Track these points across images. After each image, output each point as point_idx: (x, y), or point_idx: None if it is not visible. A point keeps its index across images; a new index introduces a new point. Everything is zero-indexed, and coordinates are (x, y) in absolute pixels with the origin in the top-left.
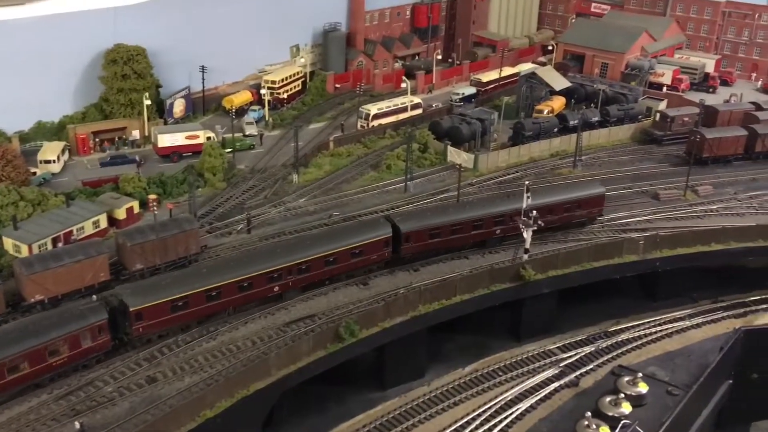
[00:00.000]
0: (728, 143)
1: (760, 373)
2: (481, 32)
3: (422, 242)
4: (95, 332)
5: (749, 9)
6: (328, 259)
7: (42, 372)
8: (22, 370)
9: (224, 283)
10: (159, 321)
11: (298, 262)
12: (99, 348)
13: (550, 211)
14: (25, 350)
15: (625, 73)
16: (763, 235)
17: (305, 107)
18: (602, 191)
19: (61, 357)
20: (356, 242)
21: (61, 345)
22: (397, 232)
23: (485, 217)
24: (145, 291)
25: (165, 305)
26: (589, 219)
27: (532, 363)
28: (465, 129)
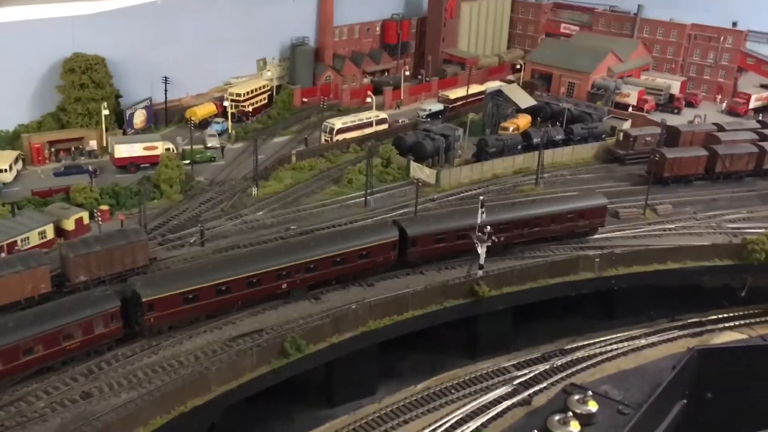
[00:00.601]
0: (689, 163)
1: (715, 392)
2: (450, 50)
3: (428, 246)
4: (108, 319)
5: (714, 32)
6: (336, 259)
7: (55, 355)
8: (37, 352)
9: (234, 278)
10: (170, 312)
11: (307, 261)
12: (110, 335)
13: (553, 220)
14: (40, 333)
15: (591, 93)
16: (719, 254)
17: (271, 120)
18: (604, 202)
19: (74, 341)
20: (363, 244)
21: (75, 330)
22: (404, 236)
23: (490, 224)
24: (158, 282)
25: (176, 297)
26: (591, 229)
27: (485, 381)
28: (428, 145)
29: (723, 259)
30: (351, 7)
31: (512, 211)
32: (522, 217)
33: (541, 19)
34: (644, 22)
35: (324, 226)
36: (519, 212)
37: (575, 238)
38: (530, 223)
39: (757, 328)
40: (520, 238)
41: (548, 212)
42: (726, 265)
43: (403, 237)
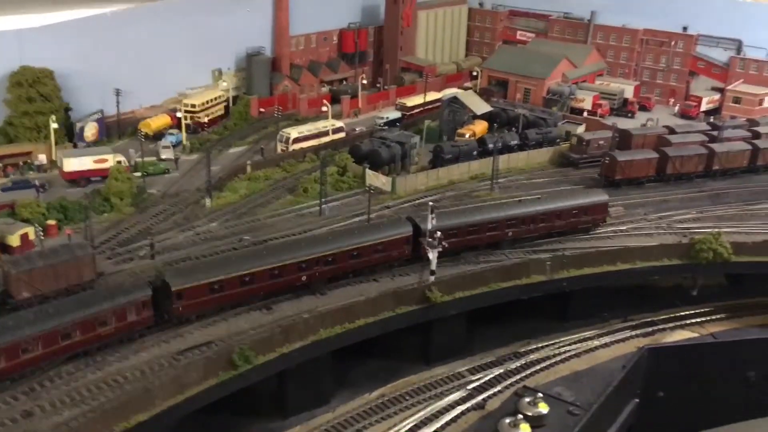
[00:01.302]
0: (640, 166)
1: (667, 390)
2: (408, 58)
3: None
4: (140, 307)
5: (666, 37)
6: (353, 253)
7: (91, 341)
8: (74, 337)
9: (257, 270)
10: (198, 302)
11: (326, 254)
12: (142, 322)
13: (559, 216)
14: (78, 320)
15: (547, 99)
16: (667, 254)
17: (227, 131)
18: (605, 199)
19: (108, 328)
20: (379, 239)
21: (109, 317)
22: (417, 232)
23: (499, 220)
24: (187, 273)
25: (204, 287)
26: (594, 224)
27: (440, 386)
28: (384, 152)
29: (672, 259)
30: (307, 17)
31: (520, 208)
32: (529, 213)
33: (498, 27)
34: (597, 28)
35: (279, 236)
36: (527, 209)
37: (580, 233)
38: (537, 219)
39: (708, 326)
40: (528, 233)
41: (554, 208)
42: (675, 264)
43: (417, 232)
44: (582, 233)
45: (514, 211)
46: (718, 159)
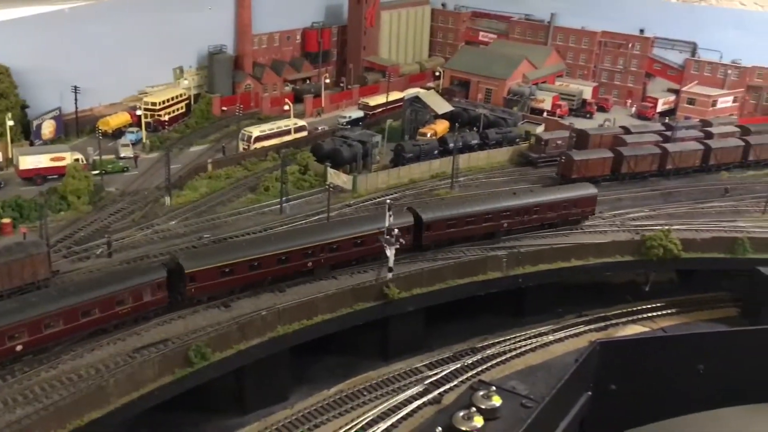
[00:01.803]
0: (595, 165)
1: (618, 384)
2: (372, 58)
3: (441, 231)
4: (155, 288)
5: (623, 39)
6: (356, 241)
7: (109, 318)
8: (93, 315)
9: (265, 255)
10: (209, 284)
11: (330, 241)
12: (157, 303)
13: (551, 208)
14: (97, 298)
15: (507, 99)
16: (620, 251)
17: (188, 129)
18: (594, 192)
19: (125, 307)
20: (382, 228)
21: (126, 296)
22: (418, 222)
23: (495, 212)
24: (199, 256)
25: (215, 270)
26: (583, 216)
27: (397, 382)
28: (346, 151)
29: (624, 256)
30: (270, 16)
31: (515, 200)
32: (524, 205)
33: (461, 28)
34: (557, 30)
35: (239, 233)
36: (521, 201)
37: (570, 224)
38: (530, 211)
39: (659, 320)
40: (522, 224)
41: (547, 200)
42: (627, 261)
43: (418, 222)
44: (572, 224)
45: (510, 203)
46: (671, 159)
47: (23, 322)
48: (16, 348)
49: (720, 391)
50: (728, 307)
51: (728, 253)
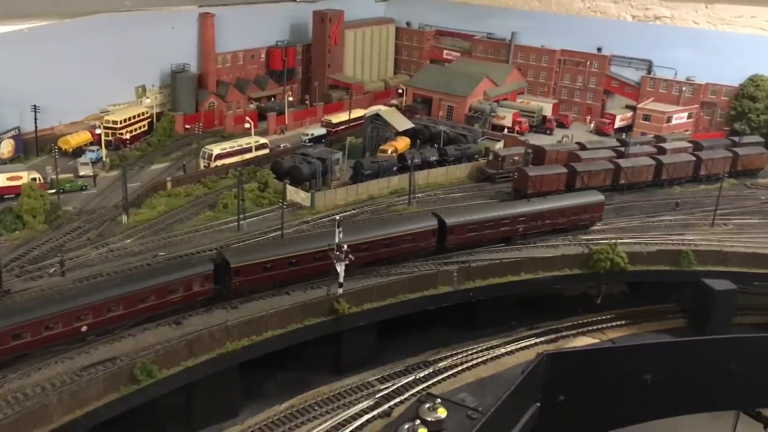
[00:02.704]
0: (550, 180)
1: (567, 395)
2: (337, 75)
3: (463, 234)
4: (203, 280)
5: (582, 57)
6: (385, 242)
7: (163, 305)
8: (149, 301)
9: (303, 253)
10: (252, 278)
11: (361, 242)
12: (204, 293)
13: (562, 213)
14: (153, 286)
15: (469, 116)
16: (568, 264)
17: (150, 148)
18: (602, 199)
19: (177, 295)
20: (409, 230)
21: (178, 286)
22: (442, 226)
23: (511, 217)
24: (244, 252)
25: (257, 265)
26: (591, 222)
27: (349, 396)
28: (305, 168)
29: (572, 269)
30: (234, 35)
31: (529, 206)
32: (538, 211)
33: (425, 46)
34: (518, 49)
35: (195, 251)
36: (536, 207)
37: (580, 229)
38: (544, 216)
39: (608, 332)
40: (536, 228)
41: (558, 207)
42: (575, 274)
43: (442, 226)
44: (582, 229)
45: (525, 209)
46: (624, 174)
47: (89, 305)
48: (82, 328)
49: (667, 401)
50: (676, 318)
51: (673, 266)
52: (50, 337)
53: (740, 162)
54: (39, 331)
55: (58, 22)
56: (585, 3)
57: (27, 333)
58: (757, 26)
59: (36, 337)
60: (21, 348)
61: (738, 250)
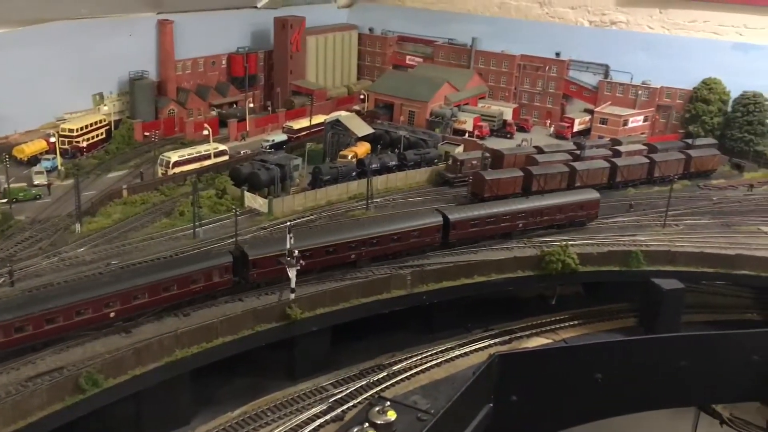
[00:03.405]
0: (507, 184)
1: (519, 395)
2: (299, 81)
3: (466, 230)
4: (223, 271)
5: (541, 62)
6: (394, 236)
7: (185, 295)
8: (172, 290)
9: (315, 246)
10: (269, 270)
11: (371, 236)
12: (224, 284)
13: (559, 210)
14: (176, 276)
15: (430, 121)
16: (521, 266)
17: (108, 155)
18: (597, 197)
19: (198, 285)
20: (416, 225)
21: (199, 276)
22: (446, 222)
23: (511, 213)
24: (261, 245)
25: (274, 258)
26: (588, 218)
27: (302, 401)
28: (263, 174)
29: (525, 271)
30: (194, 42)
31: (528, 203)
32: (536, 207)
33: (388, 52)
34: (479, 54)
35: (149, 259)
36: (534, 204)
37: (577, 225)
38: (542, 212)
39: (562, 332)
40: (535, 224)
41: (556, 204)
42: (527, 276)
43: (446, 222)
44: (579, 226)
45: (524, 206)
46: (580, 176)
47: (116, 293)
48: (110, 315)
49: (618, 399)
50: (628, 318)
51: (623, 266)
52: (81, 321)
53: (693, 164)
54: (71, 315)
55: (13, 29)
56: (543, 9)
57: (60, 317)
58: (710, 30)
59: (68, 322)
60: (54, 332)
61: (686, 250)
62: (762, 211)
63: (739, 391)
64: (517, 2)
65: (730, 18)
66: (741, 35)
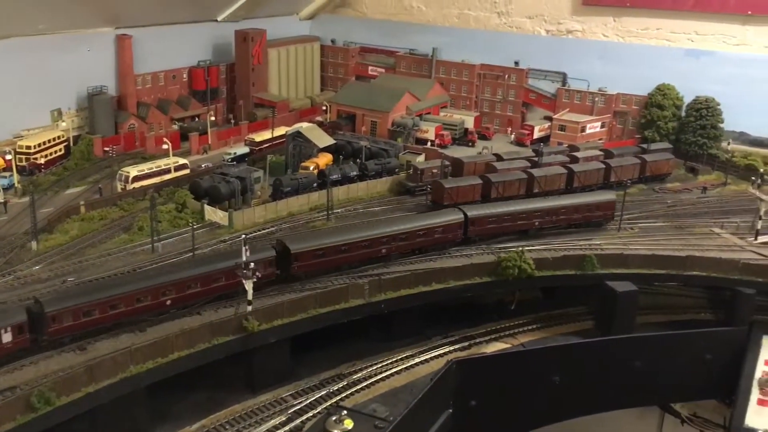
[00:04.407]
0: (466, 191)
1: (478, 400)
2: (261, 94)
3: (484, 226)
4: (267, 264)
5: (500, 71)
6: (419, 232)
7: (232, 286)
8: (220, 282)
9: (351, 241)
10: (309, 263)
11: (400, 232)
12: (268, 276)
13: (576, 210)
14: (224, 268)
15: (392, 130)
16: (478, 272)
17: (67, 172)
18: (613, 198)
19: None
20: (440, 222)
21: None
22: (466, 218)
23: (528, 211)
24: (302, 240)
25: (312, 252)
26: (605, 219)
27: (262, 413)
28: (224, 187)
29: (482, 277)
30: (154, 56)
31: (546, 203)
32: (553, 207)
33: (350, 63)
34: (440, 64)
35: (107, 275)
36: (551, 203)
37: (593, 226)
38: (559, 212)
39: (520, 336)
40: (551, 223)
41: (573, 204)
42: (485, 282)
43: (466, 219)
44: (595, 226)
45: (541, 205)
46: (537, 183)
47: (172, 282)
48: (167, 302)
49: (575, 401)
50: (585, 321)
51: (578, 270)
52: (140, 308)
53: (648, 168)
54: (132, 302)
55: None
56: (501, 19)
57: (121, 304)
58: (663, 38)
59: (129, 308)
60: (116, 317)
61: (639, 253)
62: (715, 213)
63: (695, 389)
64: (475, 13)
65: (681, 25)
66: (692, 41)
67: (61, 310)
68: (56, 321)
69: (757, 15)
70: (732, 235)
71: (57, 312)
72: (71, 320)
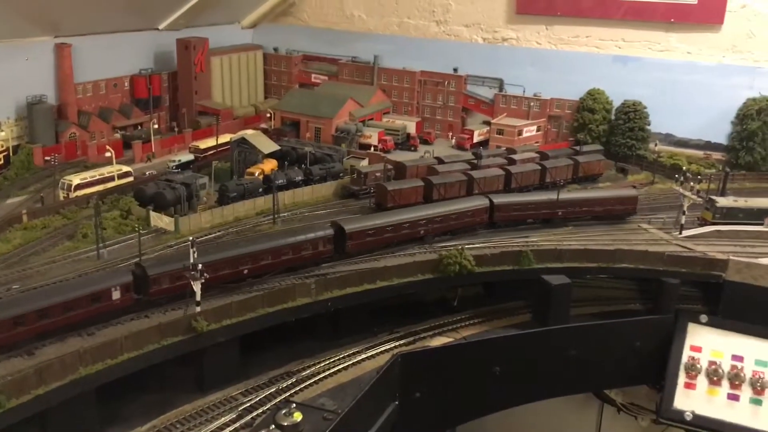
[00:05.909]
0: (408, 193)
1: (422, 392)
2: (205, 102)
3: (510, 213)
4: (326, 241)
5: (440, 78)
6: (451, 215)
7: (297, 260)
8: (287, 255)
9: (395, 222)
10: (360, 242)
11: (435, 215)
12: (326, 253)
13: (599, 203)
14: (291, 243)
15: (335, 136)
16: (420, 270)
17: (7, 181)
18: (636, 193)
19: (308, 252)
20: (469, 207)
21: (308, 245)
22: (491, 204)
23: (551, 202)
24: (355, 220)
25: (364, 232)
26: (627, 213)
27: (212, 411)
28: (169, 194)
29: (425, 274)
30: (95, 64)
31: (569, 195)
32: (576, 199)
33: (293, 71)
34: (381, 71)
35: (51, 282)
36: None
37: (616, 219)
38: (582, 204)
39: (462, 330)
40: (574, 214)
41: (595, 197)
42: (427, 278)
43: (491, 205)
44: (617, 219)
45: (564, 197)
46: (477, 184)
47: (249, 253)
48: (244, 272)
49: (516, 390)
50: (524, 314)
51: (515, 265)
52: (221, 276)
53: (581, 169)
54: (215, 270)
55: None
56: (440, 27)
57: (207, 271)
58: (592, 45)
59: (212, 275)
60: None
61: (572, 247)
62: (643, 210)
63: (627, 375)
64: (415, 21)
65: (609, 33)
66: (620, 48)
67: (162, 273)
68: (156, 283)
69: (679, 23)
70: (658, 230)
71: (158, 275)
72: (168, 283)
